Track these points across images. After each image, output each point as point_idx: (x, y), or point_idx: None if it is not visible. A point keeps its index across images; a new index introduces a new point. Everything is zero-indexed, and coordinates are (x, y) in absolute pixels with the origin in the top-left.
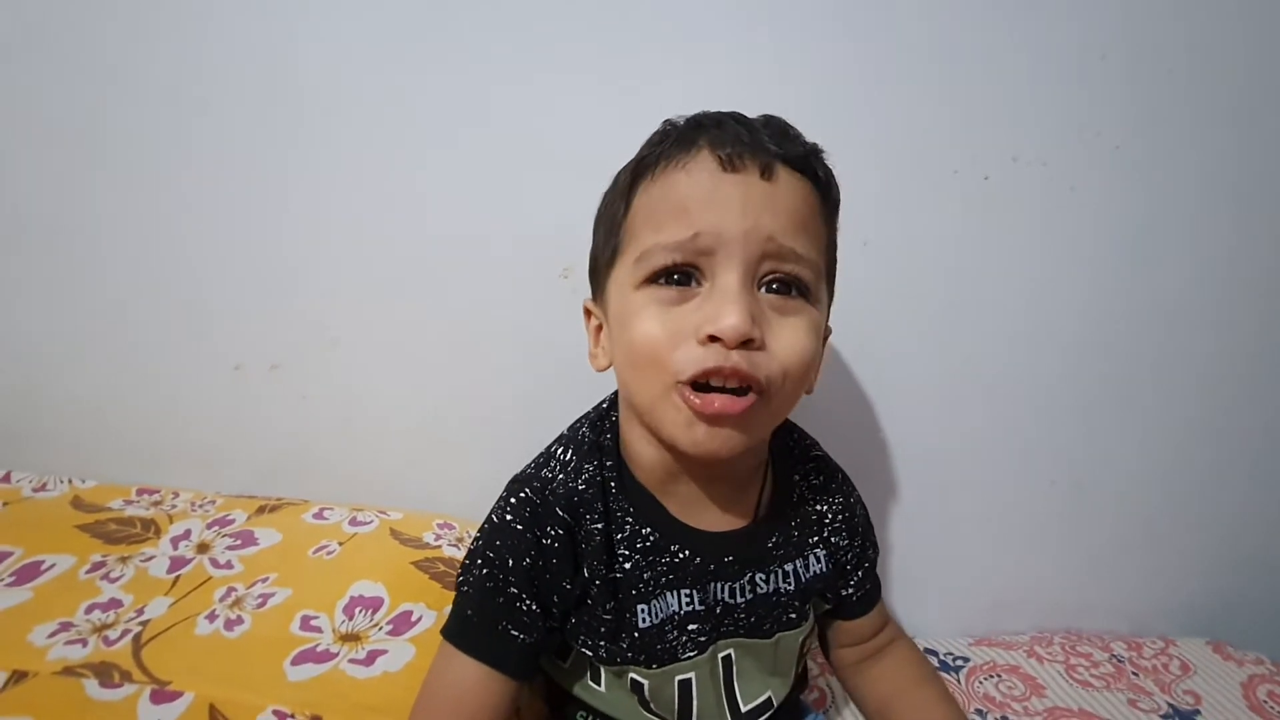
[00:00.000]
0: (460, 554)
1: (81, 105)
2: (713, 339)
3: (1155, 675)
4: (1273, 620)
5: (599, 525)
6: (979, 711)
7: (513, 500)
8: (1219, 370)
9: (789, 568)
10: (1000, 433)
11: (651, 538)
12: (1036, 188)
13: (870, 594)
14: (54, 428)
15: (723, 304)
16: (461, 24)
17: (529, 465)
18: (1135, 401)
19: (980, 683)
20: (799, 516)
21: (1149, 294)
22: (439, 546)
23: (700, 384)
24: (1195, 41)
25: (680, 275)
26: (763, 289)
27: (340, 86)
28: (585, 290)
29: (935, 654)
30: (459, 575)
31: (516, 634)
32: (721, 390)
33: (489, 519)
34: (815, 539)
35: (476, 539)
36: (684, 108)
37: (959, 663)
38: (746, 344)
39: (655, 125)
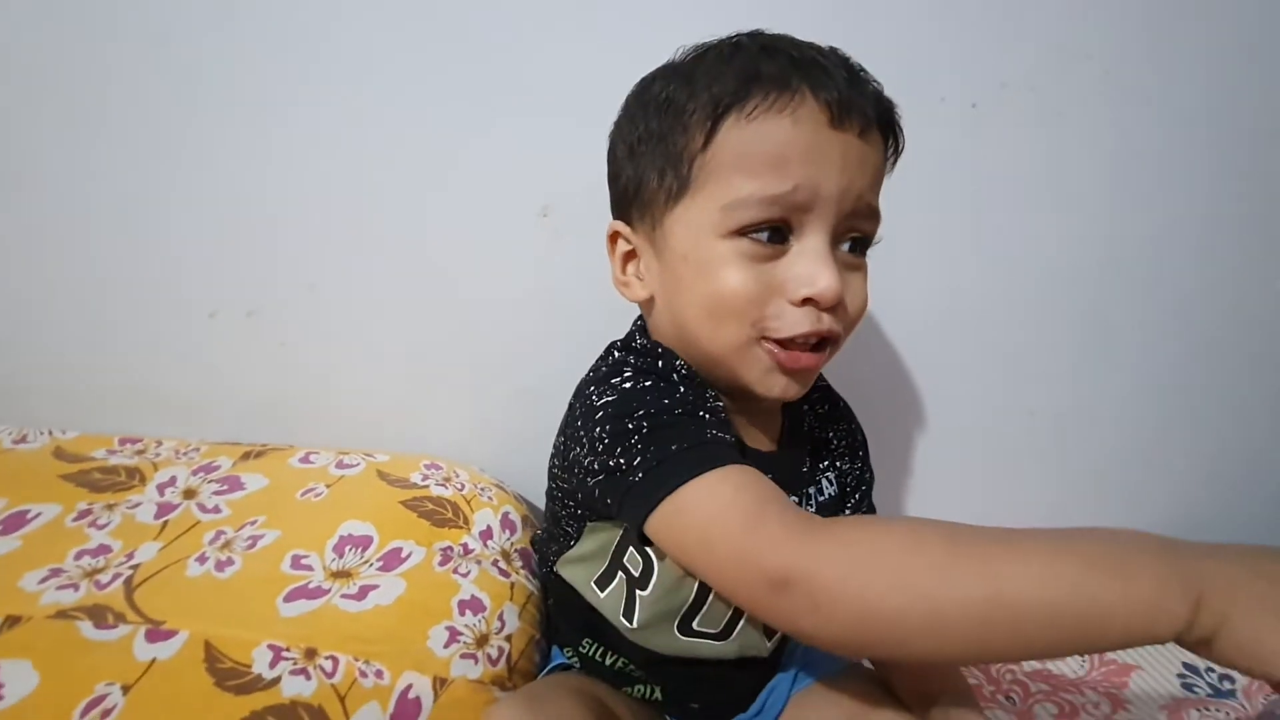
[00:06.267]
0: (448, 492)
1: (50, 53)
2: (806, 300)
3: None
4: (1259, 540)
5: None
6: None
7: (622, 370)
8: (1202, 298)
9: (810, 490)
10: (982, 361)
11: None
12: (1026, 114)
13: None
14: (30, 380)
15: (819, 267)
16: None
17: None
18: (1118, 331)
19: None
20: (811, 444)
21: (1135, 221)
22: (426, 486)
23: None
24: None
25: (773, 231)
26: (838, 246)
27: (313, 29)
28: (566, 229)
29: None
30: (610, 466)
31: (725, 435)
32: (804, 346)
33: (608, 400)
34: (825, 464)
35: (606, 422)
36: (665, 39)
37: None
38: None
39: (633, 61)
